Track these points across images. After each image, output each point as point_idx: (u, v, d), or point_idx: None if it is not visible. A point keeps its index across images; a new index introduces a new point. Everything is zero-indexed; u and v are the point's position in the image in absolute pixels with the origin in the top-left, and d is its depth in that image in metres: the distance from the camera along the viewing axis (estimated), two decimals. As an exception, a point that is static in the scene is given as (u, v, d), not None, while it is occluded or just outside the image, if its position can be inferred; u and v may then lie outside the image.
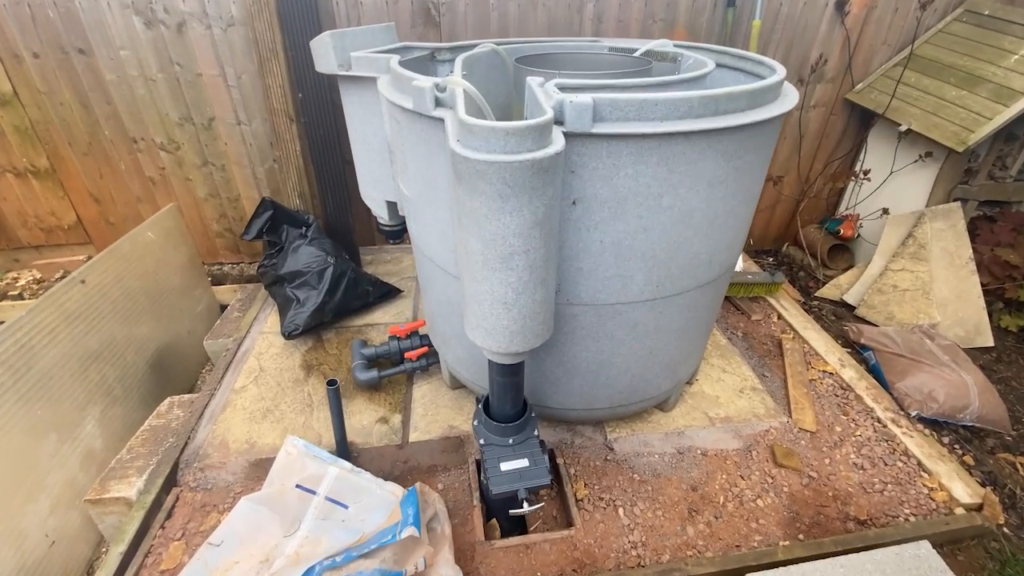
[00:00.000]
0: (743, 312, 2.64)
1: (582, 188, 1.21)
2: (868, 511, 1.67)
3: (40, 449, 1.59)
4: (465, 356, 1.83)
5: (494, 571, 1.48)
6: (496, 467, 1.45)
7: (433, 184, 1.43)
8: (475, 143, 0.98)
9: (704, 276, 1.49)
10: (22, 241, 3.08)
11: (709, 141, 1.19)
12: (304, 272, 2.33)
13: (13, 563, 1.44)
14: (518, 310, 1.19)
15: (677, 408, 2.02)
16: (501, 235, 1.06)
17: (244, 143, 2.77)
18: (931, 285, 2.54)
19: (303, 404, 2.02)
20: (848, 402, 2.09)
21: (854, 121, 3.01)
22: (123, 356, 2.05)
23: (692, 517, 1.64)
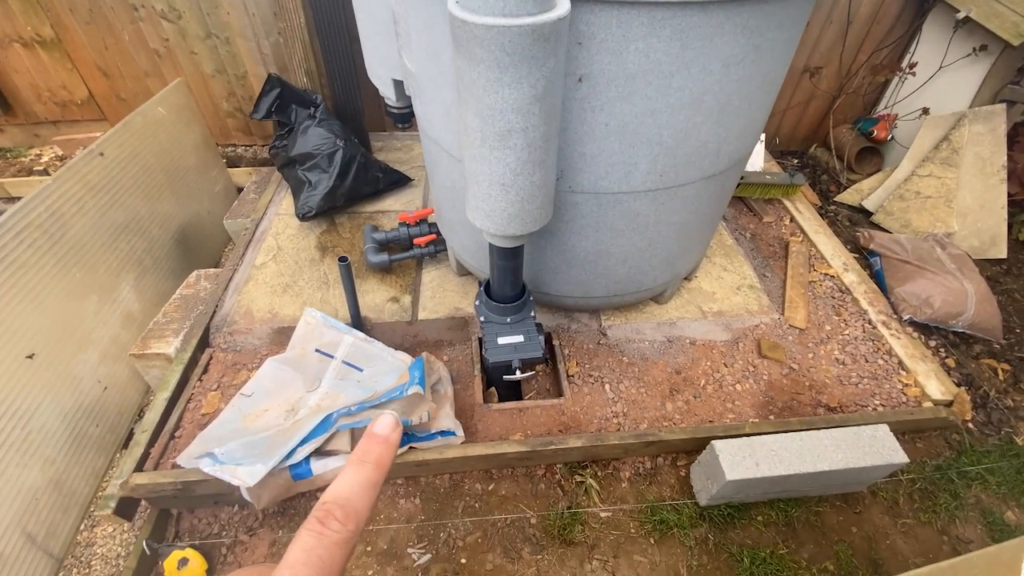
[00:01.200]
0: (755, 213, 2.61)
1: (589, 63, 1.16)
2: (840, 400, 1.79)
3: (83, 308, 1.76)
4: (470, 243, 1.89)
5: (490, 428, 1.67)
6: (494, 340, 1.57)
7: (437, 57, 1.37)
8: (474, 4, 0.94)
9: (710, 167, 1.47)
10: (39, 116, 3.09)
11: (728, 12, 1.11)
12: (314, 154, 2.33)
13: (72, 402, 1.67)
14: (515, 192, 1.21)
15: (672, 301, 2.09)
16: (499, 110, 1.05)
17: (247, 13, 2.63)
18: (955, 193, 2.45)
19: (320, 281, 2.15)
20: (843, 304, 2.15)
21: (910, 6, 2.69)
22: (148, 230, 2.16)
23: (672, 396, 1.79)
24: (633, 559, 1.45)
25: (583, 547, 1.47)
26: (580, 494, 1.59)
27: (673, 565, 1.45)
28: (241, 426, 1.66)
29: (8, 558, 1.37)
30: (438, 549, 1.47)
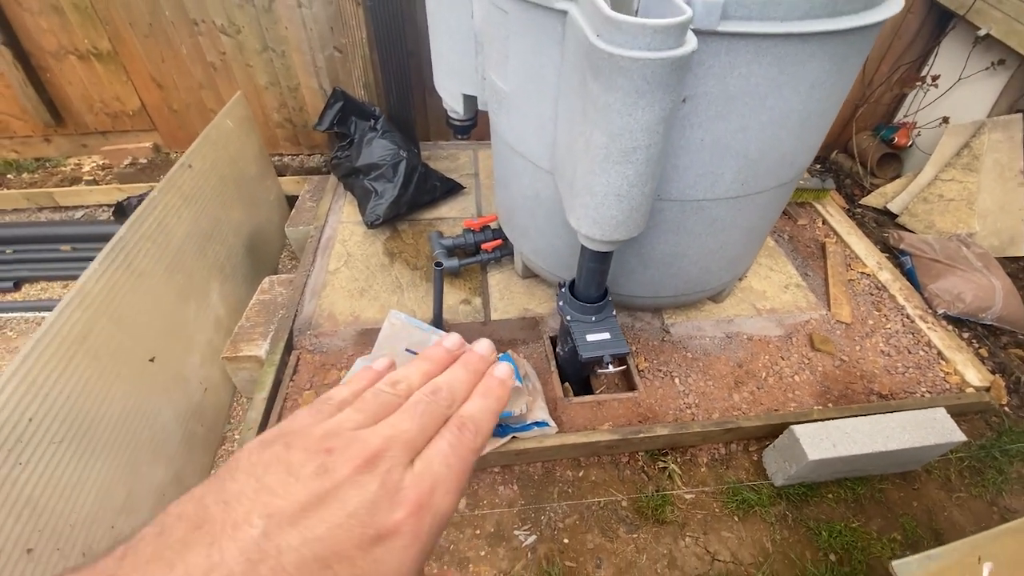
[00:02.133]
0: (790, 216, 2.77)
1: (695, 86, 1.30)
2: (890, 388, 1.95)
3: (186, 312, 1.86)
4: (544, 247, 2.02)
5: (573, 419, 1.80)
6: (583, 338, 1.70)
7: (539, 78, 1.50)
8: (620, 39, 1.07)
9: (785, 175, 1.62)
10: (89, 127, 3.16)
11: (822, 43, 1.26)
12: (380, 165, 2.44)
13: (183, 403, 1.76)
14: (628, 202, 1.34)
15: (727, 300, 2.24)
16: (629, 130, 1.18)
17: (304, 27, 2.73)
18: (976, 196, 2.63)
19: (393, 286, 2.26)
20: (882, 300, 2.31)
21: (930, 22, 2.88)
22: (226, 238, 2.25)
23: (738, 387, 1.93)
24: (721, 535, 1.59)
25: (674, 525, 1.60)
26: (663, 479, 1.72)
27: (758, 539, 1.59)
28: (341, 422, 1.77)
29: (146, 547, 1.46)
30: (541, 531, 1.59)
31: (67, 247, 2.88)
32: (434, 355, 0.38)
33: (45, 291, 2.75)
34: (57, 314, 1.26)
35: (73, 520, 1.21)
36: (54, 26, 2.74)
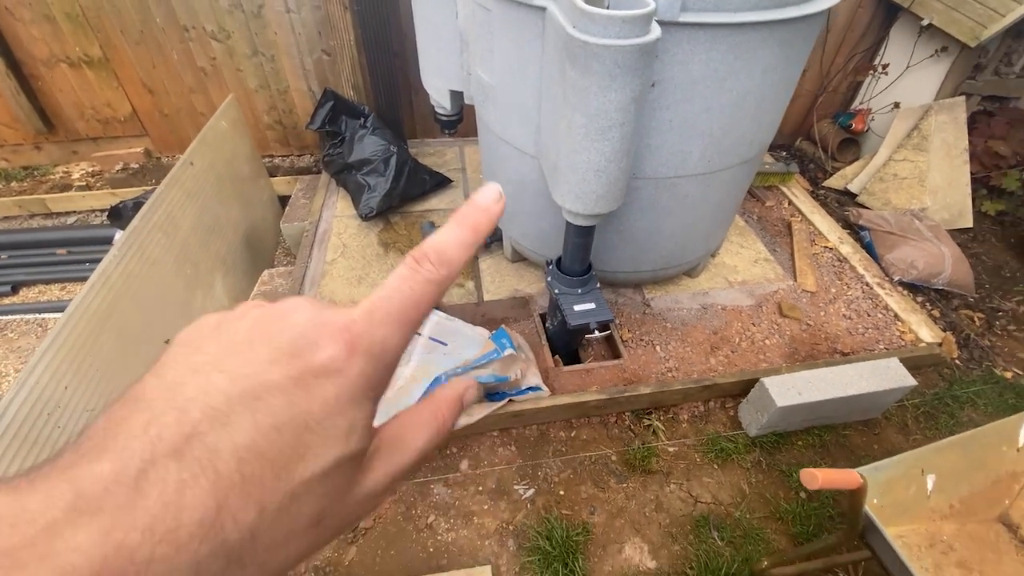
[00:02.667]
0: (758, 199, 2.96)
1: (662, 71, 1.46)
2: (851, 347, 2.13)
3: (194, 301, 1.95)
4: (531, 230, 2.16)
5: (564, 385, 1.94)
6: (571, 308, 1.84)
7: (522, 69, 1.64)
8: (592, 29, 1.22)
9: (746, 153, 1.79)
10: (80, 133, 3.22)
11: (771, 30, 1.43)
12: (371, 160, 2.57)
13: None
14: (607, 176, 1.49)
15: (703, 275, 2.41)
16: (605, 110, 1.33)
17: (293, 32, 2.84)
18: (927, 174, 2.85)
19: (389, 273, 2.37)
20: (843, 270, 2.50)
21: (880, 14, 3.11)
22: (226, 233, 2.35)
23: (714, 351, 2.10)
24: (703, 481, 1.74)
25: (660, 475, 1.75)
26: (648, 435, 1.87)
27: (736, 483, 1.74)
28: (347, 397, 1.88)
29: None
30: (539, 485, 1.72)
31: (63, 251, 2.93)
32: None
33: (43, 294, 2.80)
34: (84, 293, 1.36)
35: (107, 482, 1.30)
36: (46, 34, 2.81)
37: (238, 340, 0.24)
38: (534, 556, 1.52)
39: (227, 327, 0.25)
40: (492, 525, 1.62)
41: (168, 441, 0.20)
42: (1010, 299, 2.55)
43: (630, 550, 1.57)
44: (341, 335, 0.25)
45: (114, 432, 0.21)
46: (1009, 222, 2.96)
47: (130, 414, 0.21)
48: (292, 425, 0.22)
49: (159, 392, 0.22)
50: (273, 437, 0.22)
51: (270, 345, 0.24)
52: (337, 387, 0.24)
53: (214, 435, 0.21)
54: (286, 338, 0.24)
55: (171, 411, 0.21)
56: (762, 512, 1.67)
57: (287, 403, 0.22)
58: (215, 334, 0.25)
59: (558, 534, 1.54)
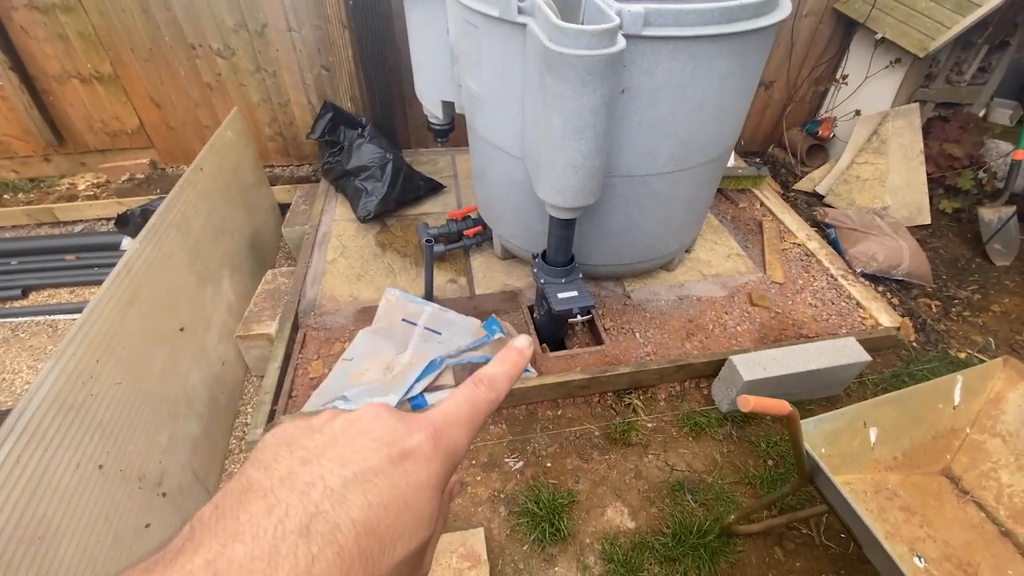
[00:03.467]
0: (732, 201, 3.16)
1: (630, 79, 1.64)
2: (816, 331, 2.30)
3: (205, 294, 2.09)
4: (519, 228, 2.33)
5: (551, 369, 2.08)
6: (556, 296, 2.00)
7: (507, 79, 1.82)
8: (566, 41, 1.40)
9: (711, 153, 1.98)
10: (88, 145, 3.37)
11: (725, 42, 1.62)
12: (369, 167, 2.73)
13: (207, 372, 1.99)
14: (583, 172, 1.66)
15: (679, 269, 2.58)
16: (578, 112, 1.51)
17: (294, 50, 3.03)
18: (887, 175, 3.07)
19: (386, 271, 2.53)
20: (810, 264, 2.69)
21: (840, 30, 3.36)
22: (233, 234, 2.50)
23: (689, 337, 2.26)
24: (679, 451, 1.89)
25: (639, 447, 1.90)
26: (628, 413, 2.02)
27: (709, 453, 1.89)
28: (348, 383, 2.02)
29: (185, 490, 1.67)
30: (527, 458, 1.86)
31: (72, 256, 3.06)
32: None
33: (52, 297, 2.92)
34: (111, 280, 1.50)
35: (130, 449, 1.43)
36: (59, 52, 2.98)
37: (337, 436, 0.27)
38: (523, 519, 1.66)
39: (321, 428, 0.28)
40: (485, 494, 1.76)
41: (295, 519, 0.23)
42: (965, 288, 2.74)
43: (611, 513, 1.71)
44: (428, 428, 0.29)
45: (236, 516, 0.23)
46: (965, 218, 3.17)
47: (248, 501, 0.23)
48: (395, 505, 0.25)
49: (273, 482, 0.24)
50: (382, 515, 0.25)
51: (370, 436, 0.27)
52: (426, 472, 0.28)
53: (334, 512, 0.23)
54: (382, 430, 0.28)
55: (293, 495, 0.24)
56: (733, 478, 1.82)
57: (390, 484, 0.26)
58: (309, 434, 0.28)
59: (545, 498, 1.68)
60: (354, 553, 0.23)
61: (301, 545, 0.22)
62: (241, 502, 0.24)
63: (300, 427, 0.29)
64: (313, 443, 0.27)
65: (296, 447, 0.27)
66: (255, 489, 0.24)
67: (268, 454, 0.27)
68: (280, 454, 0.26)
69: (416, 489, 0.27)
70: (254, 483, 0.24)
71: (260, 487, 0.24)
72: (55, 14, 2.85)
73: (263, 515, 0.23)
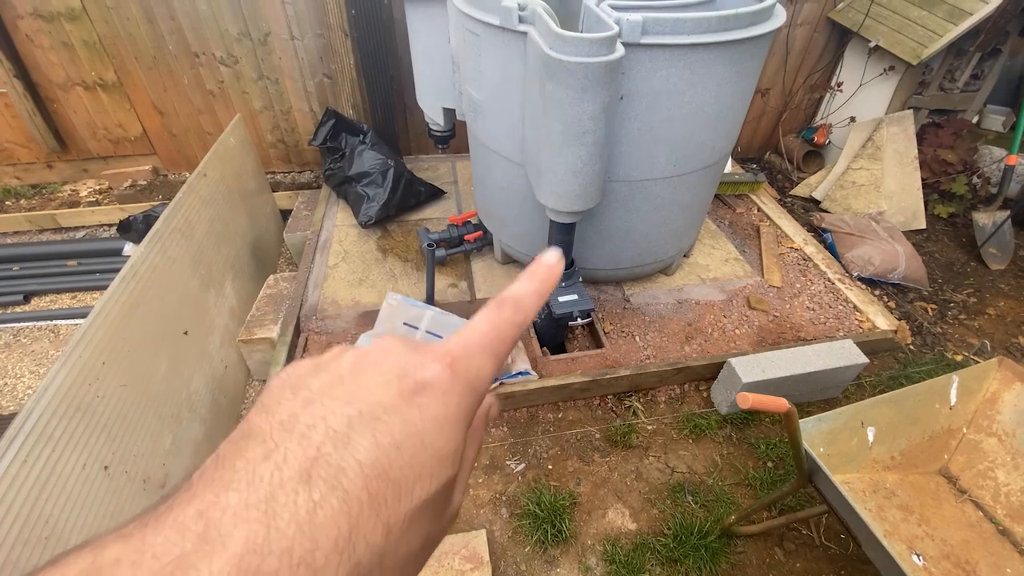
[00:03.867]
0: (730, 206, 3.19)
1: (628, 86, 1.67)
2: (813, 334, 2.32)
3: (207, 299, 2.11)
4: (519, 232, 2.35)
5: (552, 372, 2.10)
6: (556, 299, 2.02)
7: (507, 86, 1.86)
8: (566, 49, 1.43)
9: (709, 159, 2.01)
10: (91, 152, 3.39)
11: (721, 50, 1.65)
12: (370, 173, 2.76)
13: (209, 375, 2.00)
14: (583, 177, 1.69)
15: (677, 273, 2.61)
16: (579, 118, 1.54)
17: (296, 58, 3.07)
18: (882, 180, 3.11)
19: (388, 276, 2.55)
20: (807, 268, 2.72)
21: (834, 38, 3.42)
22: (235, 240, 2.52)
23: (688, 341, 2.28)
24: (679, 453, 1.90)
25: (639, 449, 1.91)
26: (629, 415, 2.03)
27: (709, 455, 1.90)
28: (350, 386, 2.03)
29: (188, 492, 1.68)
30: (529, 460, 1.87)
31: (73, 262, 3.08)
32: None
33: (54, 303, 2.93)
34: (117, 284, 1.51)
35: (135, 451, 1.44)
36: (63, 60, 3.01)
37: (344, 373, 0.25)
38: (525, 520, 1.67)
39: (327, 366, 0.26)
40: (486, 496, 1.76)
41: (294, 465, 0.21)
42: (961, 292, 2.77)
43: (612, 514, 1.72)
44: (443, 358, 0.26)
45: (232, 465, 0.21)
46: (960, 223, 3.21)
47: (246, 448, 0.22)
48: (409, 444, 0.23)
49: (272, 425, 0.23)
50: (394, 455, 0.22)
51: (378, 371, 0.25)
52: (444, 406, 0.25)
53: (338, 455, 0.21)
54: (393, 363, 0.26)
55: (292, 438, 0.22)
56: (733, 480, 1.83)
57: (402, 421, 0.23)
58: (315, 373, 0.26)
59: (547, 499, 1.69)
60: (363, 499, 0.21)
61: (301, 492, 0.20)
62: (239, 449, 0.22)
63: (306, 366, 0.27)
64: (318, 382, 0.25)
65: (300, 388, 0.25)
66: (254, 434, 0.23)
67: (272, 397, 0.25)
68: (284, 396, 0.24)
69: (433, 424, 0.24)
70: (254, 428, 0.23)
71: (259, 432, 0.23)
72: (60, 23, 2.89)
73: (260, 461, 0.21)
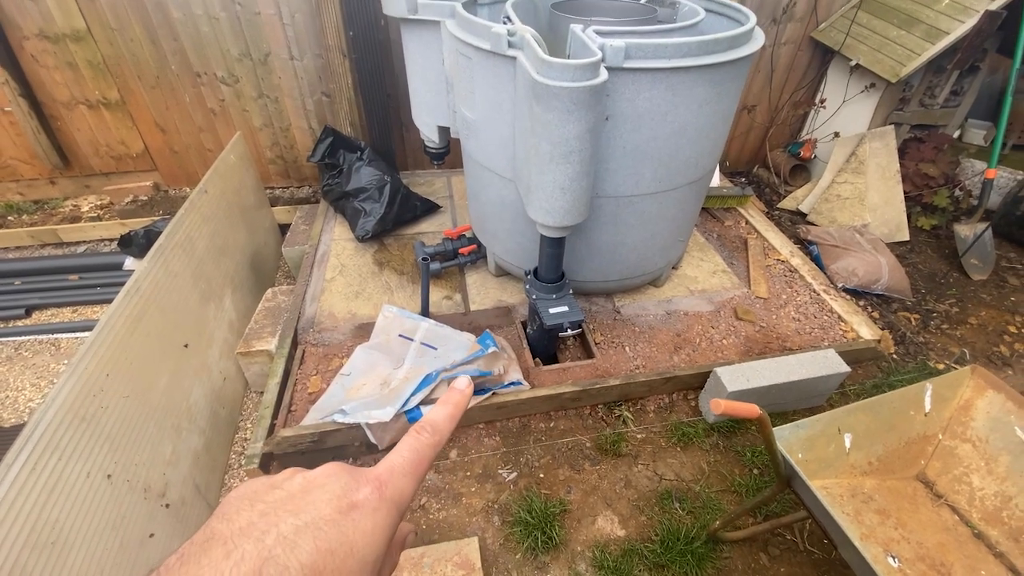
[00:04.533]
0: (718, 219, 3.27)
1: (613, 107, 1.75)
2: (799, 344, 2.38)
3: (207, 312, 2.16)
4: (512, 246, 2.42)
5: (544, 382, 2.15)
6: (547, 311, 2.08)
7: (498, 107, 1.93)
8: (552, 74, 1.51)
9: (693, 175, 2.08)
10: (93, 168, 3.46)
11: (701, 73, 1.74)
12: (367, 188, 2.84)
13: (208, 387, 2.04)
14: (571, 193, 1.76)
15: (666, 285, 2.67)
16: (565, 138, 1.61)
17: (296, 77, 3.16)
18: (866, 194, 3.19)
19: (384, 288, 2.61)
20: (793, 280, 2.78)
21: (817, 57, 3.53)
22: (235, 255, 2.58)
23: (677, 351, 2.33)
24: (667, 461, 1.95)
25: (629, 457, 1.96)
26: (619, 424, 2.08)
27: (697, 463, 1.95)
28: (346, 397, 2.08)
29: (187, 502, 1.72)
30: (520, 469, 1.91)
31: (75, 277, 3.13)
32: None
33: (55, 316, 2.98)
34: (121, 298, 1.57)
35: (137, 461, 1.48)
36: (68, 79, 3.09)
37: (295, 491, 0.32)
38: (516, 528, 1.71)
39: (282, 485, 0.32)
40: (479, 504, 1.81)
41: (249, 563, 0.26)
42: (943, 302, 2.84)
43: (602, 521, 1.76)
44: (374, 482, 0.33)
45: (198, 561, 0.26)
46: (942, 235, 3.29)
47: (209, 548, 0.27)
48: (341, 550, 0.29)
49: (233, 531, 0.28)
50: (328, 559, 0.28)
51: (323, 491, 0.31)
52: (372, 522, 0.31)
53: (285, 556, 0.27)
54: (335, 485, 0.32)
55: (249, 541, 0.27)
56: (719, 487, 1.88)
57: (338, 532, 0.29)
58: (269, 491, 0.32)
59: (538, 507, 1.73)
60: None
61: None
62: (203, 549, 0.27)
63: (262, 483, 0.33)
64: (272, 497, 0.31)
65: (257, 501, 0.30)
66: (216, 537, 0.28)
67: (231, 507, 0.30)
68: (242, 507, 0.30)
69: (362, 536, 0.30)
70: (216, 533, 0.28)
71: (221, 535, 0.28)
72: (65, 44, 2.97)
73: (221, 559, 0.26)
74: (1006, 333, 2.67)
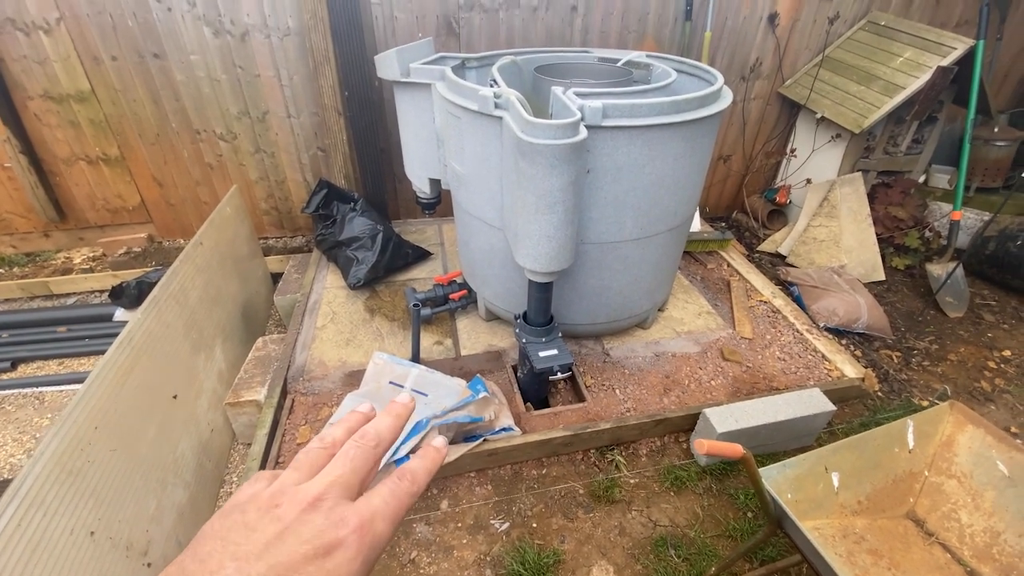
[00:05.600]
0: (701, 263, 3.37)
1: (594, 161, 1.86)
2: (785, 384, 2.42)
3: (197, 363, 2.16)
4: (501, 291, 2.48)
5: (535, 427, 2.15)
6: (537, 354, 2.11)
7: (486, 161, 2.04)
8: (535, 133, 1.62)
9: (672, 222, 2.18)
10: (89, 221, 3.52)
11: (675, 130, 1.86)
12: (360, 237, 2.91)
13: (196, 440, 2.02)
14: (556, 241, 1.84)
15: (653, 327, 2.73)
16: (549, 191, 1.70)
17: (292, 133, 3.29)
18: (841, 236, 3.33)
19: (375, 335, 2.63)
20: (777, 320, 2.86)
21: (785, 110, 3.76)
22: (227, 304, 2.60)
23: (666, 392, 2.36)
24: (661, 507, 1.93)
25: (623, 504, 1.94)
26: (611, 469, 2.07)
27: (690, 507, 1.93)
28: (336, 446, 2.06)
29: (169, 560, 1.66)
30: (513, 519, 1.88)
31: (63, 328, 3.11)
32: (351, 416, 0.44)
33: (41, 369, 2.94)
34: (113, 350, 1.58)
35: (120, 517, 1.44)
36: (69, 137, 3.19)
37: (270, 539, 0.31)
38: (509, 580, 1.67)
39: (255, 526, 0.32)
40: (471, 557, 1.77)
41: None
42: (923, 339, 2.92)
43: (597, 572, 1.73)
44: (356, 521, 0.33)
45: None
46: (916, 274, 3.41)
47: None
48: None
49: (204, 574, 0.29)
50: None
51: (298, 537, 0.31)
52: (351, 563, 0.31)
53: None
54: (310, 531, 0.32)
55: None
56: (714, 531, 1.86)
57: (317, 571, 0.30)
58: (243, 532, 0.32)
59: (531, 558, 1.70)
60: None
61: None
62: None
63: (236, 522, 0.32)
64: (246, 541, 0.31)
65: (229, 543, 0.31)
66: None
67: (204, 547, 0.31)
68: (215, 549, 0.30)
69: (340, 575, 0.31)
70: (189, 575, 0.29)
71: None
72: (69, 103, 3.09)
73: None
74: (986, 368, 2.74)
